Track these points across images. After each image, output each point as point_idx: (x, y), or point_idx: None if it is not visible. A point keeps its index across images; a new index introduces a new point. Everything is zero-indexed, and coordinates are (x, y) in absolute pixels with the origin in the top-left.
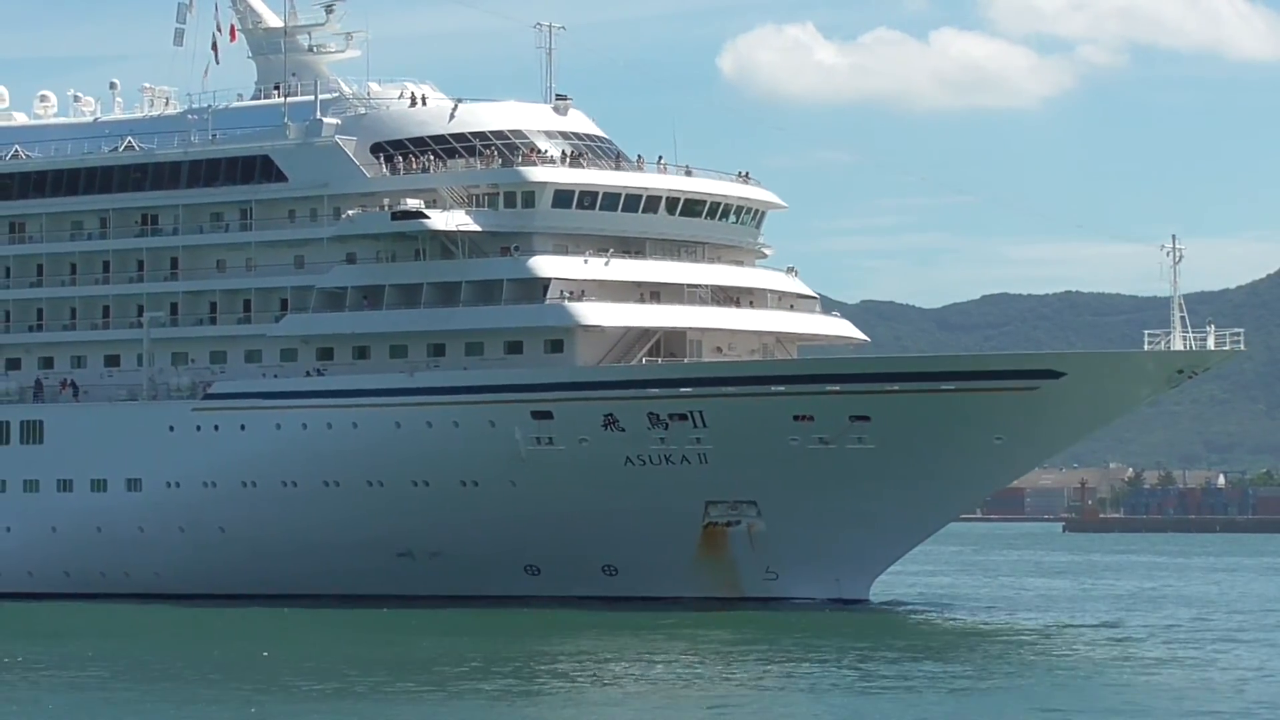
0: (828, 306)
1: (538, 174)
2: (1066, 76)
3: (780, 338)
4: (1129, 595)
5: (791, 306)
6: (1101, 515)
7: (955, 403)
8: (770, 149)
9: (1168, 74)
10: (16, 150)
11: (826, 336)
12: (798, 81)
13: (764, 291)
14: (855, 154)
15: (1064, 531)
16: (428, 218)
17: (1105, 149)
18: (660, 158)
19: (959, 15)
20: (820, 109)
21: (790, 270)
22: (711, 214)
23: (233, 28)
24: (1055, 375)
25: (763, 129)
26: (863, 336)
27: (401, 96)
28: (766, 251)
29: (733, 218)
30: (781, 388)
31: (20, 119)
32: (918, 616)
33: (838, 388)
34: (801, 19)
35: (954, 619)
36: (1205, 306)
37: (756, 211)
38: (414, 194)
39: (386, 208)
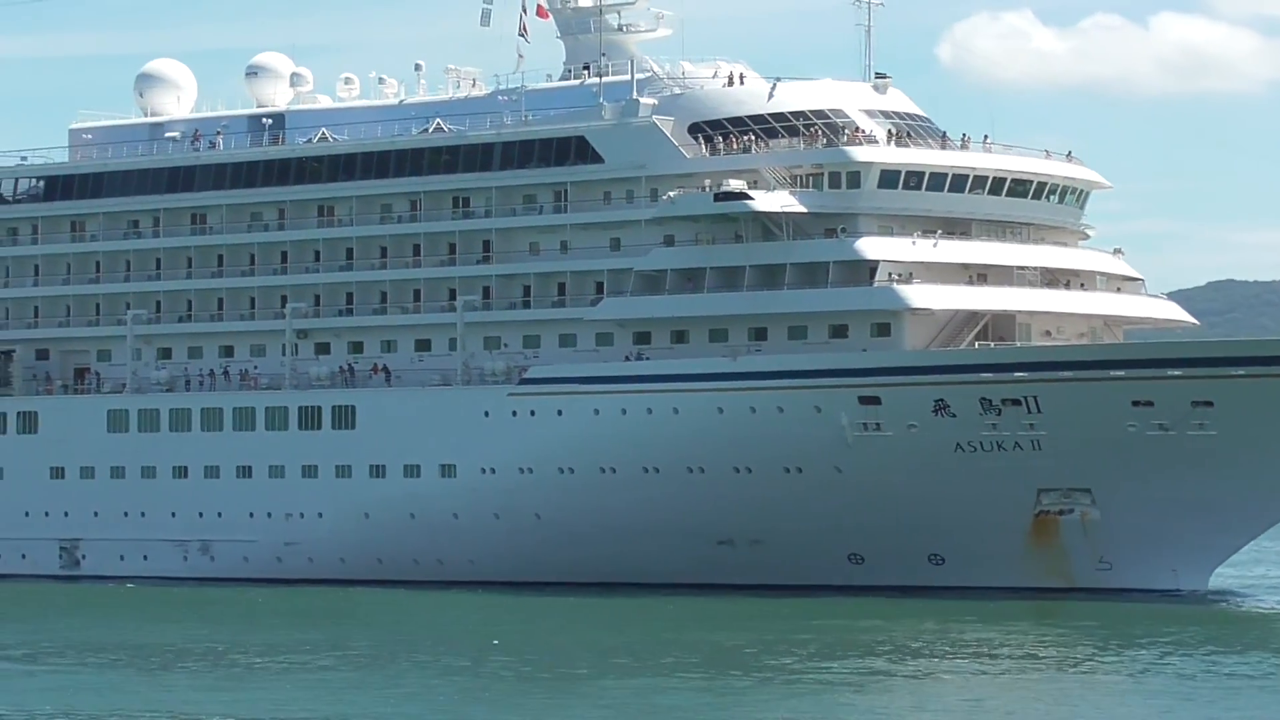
0: None
1: (864, 154)
2: None
3: (1107, 320)
4: None
5: (1118, 289)
6: None
7: None
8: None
9: None
10: (323, 132)
11: (1154, 320)
12: (1016, 67)
13: (1091, 273)
14: (1075, 140)
15: None
16: (752, 199)
17: None
18: (986, 136)
19: None
20: (1039, 95)
21: (1116, 251)
22: (1038, 194)
23: (540, 7)
24: None
25: (977, 113)
26: (1192, 320)
27: (715, 76)
28: (1089, 232)
29: (1057, 198)
30: (1121, 372)
31: (324, 101)
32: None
33: (1179, 372)
34: (1019, 6)
35: None
36: None
37: (1081, 191)
38: (734, 175)
39: (706, 189)
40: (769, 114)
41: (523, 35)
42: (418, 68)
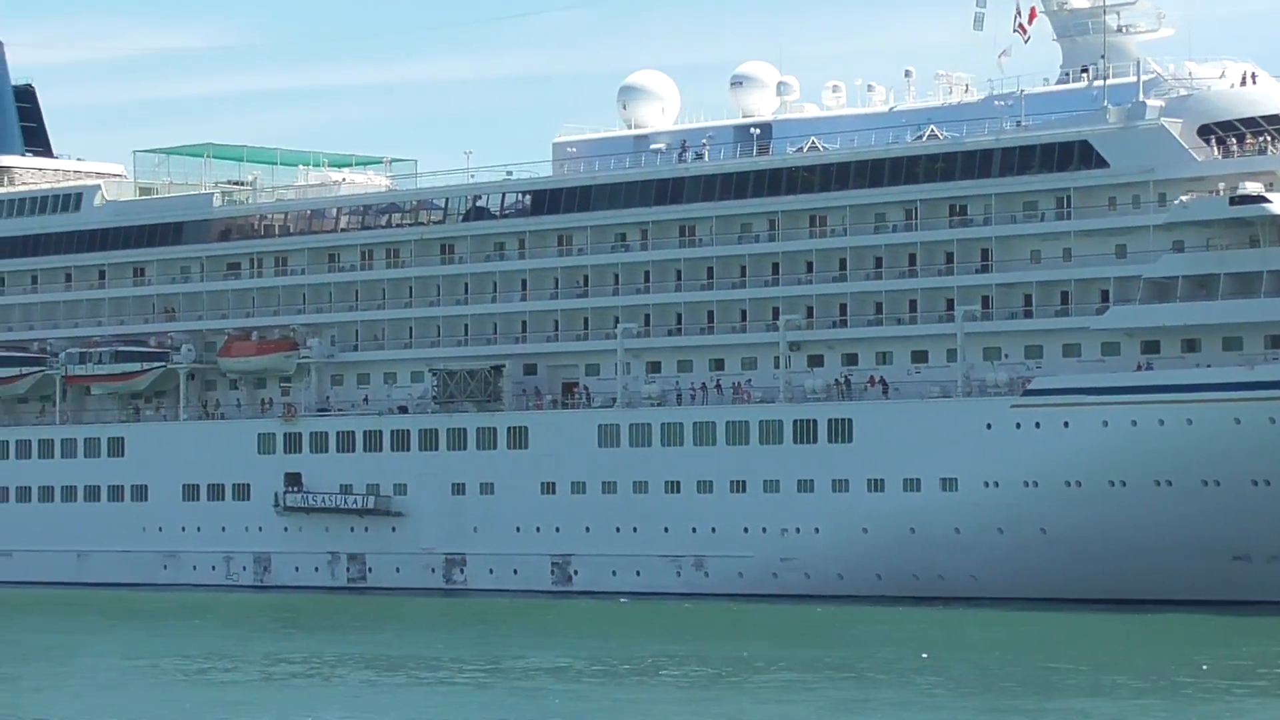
0: None
1: None
2: None
3: None
4: None
5: None
6: None
7: None
8: None
9: None
10: (813, 141)
11: None
12: None
13: None
14: None
15: None
16: (1270, 202)
17: None
18: None
19: None
20: None
21: None
22: None
23: (1032, 9)
24: None
25: None
26: None
27: (1223, 76)
28: None
29: None
30: None
31: (811, 110)
32: None
33: None
34: None
35: None
36: None
37: None
38: (1249, 177)
39: (1220, 192)
40: None
41: (1020, 33)
42: (907, 74)
